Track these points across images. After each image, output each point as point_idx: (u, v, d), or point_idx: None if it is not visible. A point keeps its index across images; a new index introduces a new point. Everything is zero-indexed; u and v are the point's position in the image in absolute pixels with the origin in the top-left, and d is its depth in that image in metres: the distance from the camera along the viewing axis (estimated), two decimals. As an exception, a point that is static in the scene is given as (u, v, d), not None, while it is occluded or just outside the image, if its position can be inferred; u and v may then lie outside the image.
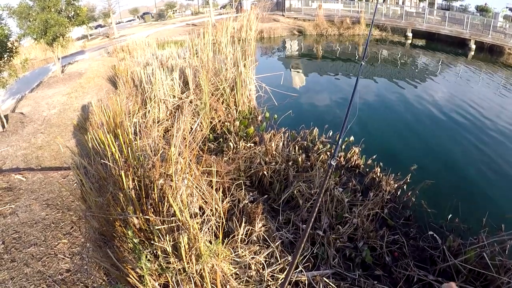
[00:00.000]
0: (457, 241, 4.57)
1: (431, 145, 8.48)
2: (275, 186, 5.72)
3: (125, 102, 8.02)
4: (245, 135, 7.66)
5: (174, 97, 8.80)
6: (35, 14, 11.93)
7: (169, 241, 3.38)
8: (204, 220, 4.15)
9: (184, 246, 3.24)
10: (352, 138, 7.36)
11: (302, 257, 4.17)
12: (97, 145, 5.25)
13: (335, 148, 2.09)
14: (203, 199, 4.61)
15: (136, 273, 3.25)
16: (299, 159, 6.29)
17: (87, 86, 12.22)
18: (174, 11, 57.98)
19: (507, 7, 35.13)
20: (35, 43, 14.22)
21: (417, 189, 5.69)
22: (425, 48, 24.77)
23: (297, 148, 6.75)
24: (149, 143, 5.56)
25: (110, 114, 6.87)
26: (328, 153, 6.73)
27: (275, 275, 3.80)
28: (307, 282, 3.81)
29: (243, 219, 4.40)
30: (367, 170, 6.55)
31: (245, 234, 4.25)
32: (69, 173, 6.21)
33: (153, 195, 4.10)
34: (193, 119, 7.78)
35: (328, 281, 3.82)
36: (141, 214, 3.75)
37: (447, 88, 14.37)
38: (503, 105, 12.13)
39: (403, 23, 27.19)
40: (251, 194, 5.32)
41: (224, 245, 3.88)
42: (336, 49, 24.04)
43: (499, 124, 10.02)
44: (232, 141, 6.94)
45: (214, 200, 4.37)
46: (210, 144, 7.22)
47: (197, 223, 3.71)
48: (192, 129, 6.93)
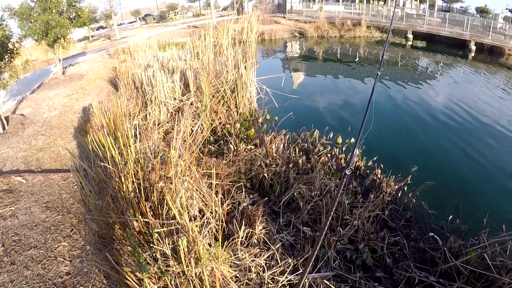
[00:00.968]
0: (458, 242, 4.56)
1: (432, 146, 8.46)
2: (276, 188, 5.71)
3: (125, 104, 8.02)
4: (245, 137, 7.66)
5: (174, 99, 8.80)
6: (37, 15, 11.97)
7: (169, 244, 3.37)
8: (204, 222, 4.14)
9: (183, 249, 3.24)
10: (353, 140, 7.35)
11: (302, 259, 4.16)
12: (97, 148, 5.24)
13: (350, 157, 2.08)
14: (203, 202, 4.60)
15: (135, 276, 3.24)
16: (300, 161, 6.28)
17: (88, 88, 12.23)
18: (175, 13, 58.09)
19: (507, 9, 35.13)
20: (36, 44, 14.27)
21: (417, 190, 5.68)
22: (426, 49, 24.77)
23: (297, 150, 6.74)
24: (149, 146, 5.55)
25: (110, 116, 6.87)
26: (328, 155, 6.73)
27: (275, 277, 3.79)
28: (307, 284, 3.80)
29: (243, 222, 4.39)
30: (368, 171, 6.54)
31: (245, 236, 4.24)
32: (69, 175, 6.21)
33: (152, 198, 4.09)
34: (193, 121, 7.78)
35: (328, 283, 3.81)
36: (140, 217, 3.75)
37: (447, 89, 14.35)
38: (504, 106, 12.11)
39: (404, 25, 27.19)
40: (251, 196, 5.31)
41: (224, 247, 3.87)
42: (337, 51, 24.05)
43: (500, 125, 10.00)
44: (232, 143, 6.93)
45: (214, 202, 4.36)
46: (210, 146, 7.21)
47: (196, 226, 3.70)
48: (192, 131, 6.93)
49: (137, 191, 4.12)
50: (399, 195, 5.85)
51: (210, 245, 3.64)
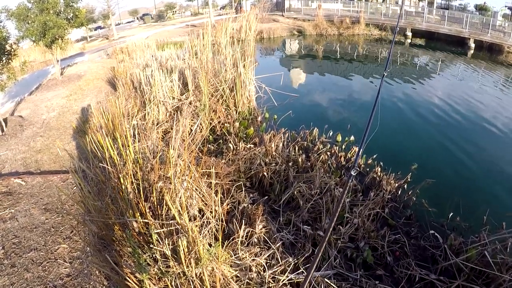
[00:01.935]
0: (458, 240, 4.56)
1: (431, 144, 8.45)
2: (275, 187, 5.70)
3: (124, 104, 8.00)
4: (245, 136, 7.64)
5: (173, 98, 8.77)
6: (34, 16, 11.92)
7: (168, 244, 3.36)
8: (203, 222, 4.13)
9: (183, 249, 3.22)
10: (352, 137, 7.34)
11: (303, 258, 4.15)
12: (96, 148, 5.22)
13: (355, 157, 2.09)
14: (203, 201, 4.59)
15: (135, 277, 3.23)
16: (299, 160, 6.26)
17: (86, 88, 12.20)
18: (173, 12, 57.96)
19: (506, 6, 35.10)
20: (34, 45, 14.25)
21: (417, 188, 5.68)
22: (425, 47, 24.74)
23: (297, 148, 6.73)
24: (148, 146, 5.53)
25: (109, 116, 6.85)
26: (328, 153, 6.72)
27: (276, 277, 3.78)
28: (308, 284, 3.78)
29: (243, 221, 4.38)
30: (368, 170, 6.53)
31: (246, 236, 4.23)
32: (69, 176, 6.19)
33: (152, 198, 4.08)
34: (192, 120, 7.75)
35: (329, 282, 3.80)
36: (140, 217, 3.73)
37: (446, 86, 14.34)
38: (503, 103, 12.11)
39: (403, 22, 27.13)
40: (251, 195, 5.31)
41: (224, 247, 3.86)
42: (335, 49, 24.02)
43: (499, 122, 10.00)
44: (231, 142, 6.92)
45: (213, 202, 4.34)
46: (209, 145, 7.19)
47: (196, 225, 3.69)
48: (191, 130, 6.91)
49: (136, 191, 4.11)
50: (399, 193, 5.85)
51: (210, 245, 3.62)
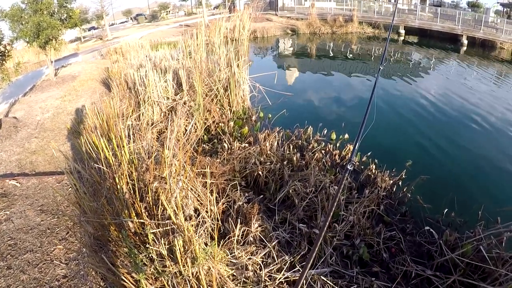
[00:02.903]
0: (453, 235, 4.58)
1: (426, 140, 8.49)
2: (271, 186, 5.71)
3: (118, 104, 7.98)
4: (239, 135, 7.64)
5: (167, 98, 8.76)
6: (28, 17, 11.86)
7: (164, 244, 3.37)
8: (199, 222, 4.14)
9: (179, 249, 3.23)
10: (346, 135, 7.37)
11: (299, 256, 4.17)
12: (91, 149, 5.21)
13: (351, 153, 2.12)
14: (198, 201, 4.60)
15: (132, 277, 3.24)
16: (294, 158, 6.27)
17: (80, 89, 12.15)
18: (167, 12, 57.78)
19: (498, 2, 35.39)
20: (28, 46, 14.18)
21: (412, 184, 5.71)
22: (418, 44, 24.87)
23: (291, 147, 6.74)
24: (143, 146, 5.53)
25: (103, 117, 6.83)
26: (323, 151, 6.74)
27: (272, 275, 3.79)
28: (304, 281, 3.80)
29: (239, 220, 4.39)
30: (362, 167, 6.55)
31: (241, 235, 4.24)
32: (64, 177, 6.18)
33: (147, 198, 4.08)
34: (187, 120, 7.75)
35: (326, 280, 3.82)
36: (135, 217, 3.73)
37: (439, 83, 14.42)
38: (496, 99, 12.20)
39: (396, 20, 27.22)
40: (246, 194, 5.31)
41: (220, 246, 3.87)
42: (329, 48, 24.06)
43: (492, 117, 10.08)
44: (226, 141, 6.93)
45: (209, 201, 4.35)
46: (204, 145, 7.19)
47: (192, 225, 3.70)
48: (186, 130, 6.91)
49: (132, 191, 4.11)
50: (394, 189, 5.87)
51: (206, 244, 3.64)
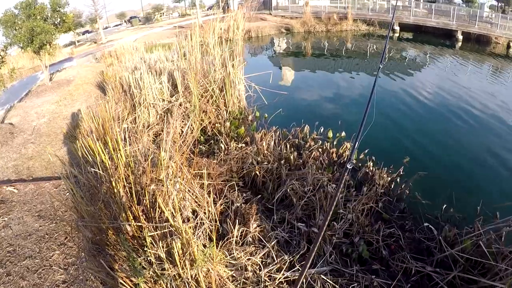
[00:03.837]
0: (453, 231, 4.57)
1: (423, 136, 8.51)
2: (268, 185, 5.70)
3: (114, 108, 7.95)
4: (236, 135, 7.61)
5: (163, 100, 8.73)
6: (21, 22, 11.83)
7: (163, 247, 3.35)
8: (197, 223, 4.12)
9: (177, 251, 3.21)
10: (343, 133, 7.35)
11: (299, 255, 4.16)
12: (87, 153, 5.19)
13: (350, 152, 2.10)
14: (196, 202, 4.58)
15: (131, 281, 3.22)
16: (291, 157, 6.26)
17: (76, 93, 12.10)
18: (161, 14, 57.69)
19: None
20: (22, 52, 14.12)
21: (410, 181, 5.71)
22: (413, 40, 24.92)
23: (288, 146, 6.72)
24: (139, 149, 5.50)
25: (99, 121, 6.80)
26: (320, 150, 6.72)
27: (272, 275, 3.78)
28: (304, 280, 3.79)
29: (237, 221, 4.37)
30: (360, 165, 6.54)
31: (240, 235, 4.22)
32: (61, 182, 6.15)
33: (144, 201, 4.06)
34: (183, 122, 7.72)
35: (325, 278, 3.81)
36: (133, 221, 3.71)
37: (435, 79, 14.45)
38: (492, 93, 12.24)
39: (390, 16, 27.24)
40: (244, 195, 5.29)
41: (219, 248, 3.86)
42: (324, 46, 24.08)
43: (489, 113, 10.10)
44: (223, 142, 6.90)
45: (207, 203, 4.34)
46: (201, 146, 7.16)
47: (190, 227, 3.68)
48: (182, 132, 6.89)
49: (129, 195, 4.09)
50: (392, 186, 5.87)
51: (204, 246, 3.62)
